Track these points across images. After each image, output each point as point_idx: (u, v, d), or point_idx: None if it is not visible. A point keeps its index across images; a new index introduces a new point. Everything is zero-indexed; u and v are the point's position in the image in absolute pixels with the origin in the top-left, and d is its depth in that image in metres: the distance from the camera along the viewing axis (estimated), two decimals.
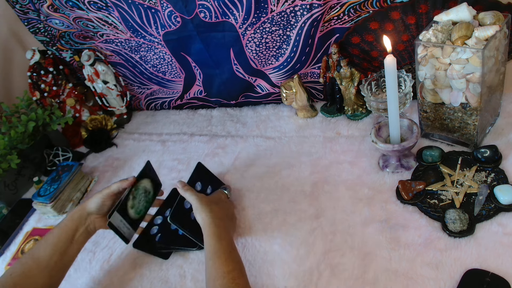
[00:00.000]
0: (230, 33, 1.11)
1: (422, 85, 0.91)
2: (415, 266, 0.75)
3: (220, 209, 0.87)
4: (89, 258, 0.99)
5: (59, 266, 0.84)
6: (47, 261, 0.82)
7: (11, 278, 0.78)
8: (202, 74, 1.30)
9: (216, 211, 0.84)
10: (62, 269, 0.85)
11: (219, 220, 0.82)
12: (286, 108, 1.28)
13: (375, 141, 0.92)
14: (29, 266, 0.80)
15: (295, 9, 1.00)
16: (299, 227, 0.90)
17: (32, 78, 1.41)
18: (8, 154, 1.22)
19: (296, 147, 1.13)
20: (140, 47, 1.27)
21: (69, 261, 0.87)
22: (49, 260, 0.82)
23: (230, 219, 0.91)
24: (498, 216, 0.78)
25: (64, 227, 0.87)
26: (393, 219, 0.85)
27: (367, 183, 0.94)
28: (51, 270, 0.82)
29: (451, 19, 0.84)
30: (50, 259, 0.82)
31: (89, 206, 0.89)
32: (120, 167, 1.29)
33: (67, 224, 0.87)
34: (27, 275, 0.79)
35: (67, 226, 0.87)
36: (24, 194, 1.30)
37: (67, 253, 0.85)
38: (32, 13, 1.28)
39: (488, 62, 0.80)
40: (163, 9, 1.11)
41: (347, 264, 0.79)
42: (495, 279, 0.68)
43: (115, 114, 1.53)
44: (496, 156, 0.87)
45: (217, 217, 0.82)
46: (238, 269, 0.74)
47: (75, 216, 0.88)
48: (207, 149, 1.23)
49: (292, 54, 1.12)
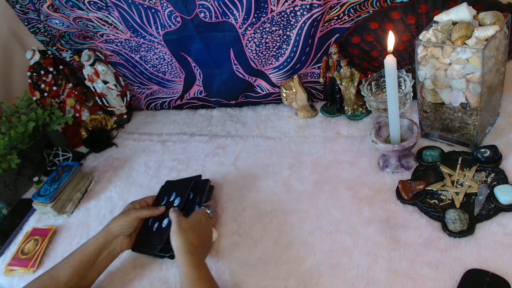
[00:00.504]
0: (230, 33, 1.11)
1: (422, 85, 0.91)
2: (415, 266, 0.75)
3: (196, 237, 0.83)
4: None
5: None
6: (65, 283, 0.82)
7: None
8: (202, 74, 1.30)
9: (191, 239, 0.82)
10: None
11: (194, 248, 0.80)
12: (286, 108, 1.28)
13: (375, 141, 0.92)
14: (47, 285, 0.81)
15: (295, 9, 1.00)
16: (299, 227, 0.90)
17: (32, 78, 1.40)
18: (8, 154, 1.22)
19: (296, 147, 1.13)
20: (140, 47, 1.28)
21: (87, 284, 0.87)
22: (67, 281, 0.82)
23: (204, 244, 0.87)
24: (498, 216, 0.78)
25: (86, 251, 0.86)
26: (393, 219, 0.85)
27: (367, 183, 0.94)
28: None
29: (451, 19, 0.84)
30: (69, 281, 0.82)
31: (115, 229, 0.89)
32: (120, 167, 1.29)
33: (89, 248, 0.87)
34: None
35: (89, 251, 0.86)
36: (24, 194, 1.30)
37: (86, 277, 0.85)
38: (32, 13, 1.28)
39: (488, 62, 0.80)
40: (163, 9, 1.11)
41: (347, 264, 0.79)
42: (495, 279, 0.68)
43: (115, 114, 1.53)
44: (496, 156, 0.87)
45: (192, 245, 0.80)
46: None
47: (99, 240, 0.88)
48: (207, 149, 1.23)
49: (292, 54, 1.12)
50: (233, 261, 0.88)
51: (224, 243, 0.92)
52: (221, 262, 0.88)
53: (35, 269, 1.01)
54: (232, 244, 0.91)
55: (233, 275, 0.85)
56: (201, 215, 0.89)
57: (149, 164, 1.25)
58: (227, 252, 0.90)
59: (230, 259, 0.88)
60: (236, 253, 0.89)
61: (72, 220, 1.14)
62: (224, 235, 0.94)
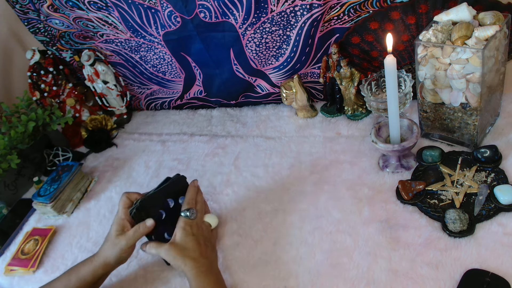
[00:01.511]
0: (230, 33, 1.11)
1: (422, 85, 0.91)
2: (415, 266, 0.75)
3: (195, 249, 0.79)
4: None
5: None
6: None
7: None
8: (202, 74, 1.30)
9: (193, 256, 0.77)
10: None
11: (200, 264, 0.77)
12: (286, 108, 1.28)
13: (375, 141, 0.92)
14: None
15: (295, 9, 1.00)
16: (299, 227, 0.90)
17: (32, 78, 1.40)
18: (8, 154, 1.22)
19: (296, 147, 1.13)
20: (140, 47, 1.28)
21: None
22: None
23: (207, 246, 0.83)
24: (498, 216, 0.78)
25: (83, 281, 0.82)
26: (393, 219, 0.85)
27: (367, 183, 0.95)
28: None
29: (451, 19, 0.84)
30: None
31: (112, 261, 0.83)
32: (120, 167, 1.29)
33: (87, 278, 0.82)
34: None
35: (87, 281, 0.82)
36: (24, 194, 1.30)
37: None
38: (32, 13, 1.28)
39: (488, 62, 0.80)
40: (163, 9, 1.11)
41: (347, 264, 0.79)
42: (495, 279, 0.68)
43: (115, 114, 1.53)
44: (496, 156, 0.87)
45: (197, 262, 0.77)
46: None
47: (99, 273, 0.83)
48: (207, 149, 1.23)
49: (292, 54, 1.12)
50: (233, 261, 0.88)
51: (224, 243, 0.92)
52: (221, 262, 0.88)
53: (35, 269, 1.01)
54: (232, 244, 0.91)
55: (233, 275, 0.85)
56: (184, 225, 0.82)
57: (149, 164, 1.26)
58: (227, 252, 0.90)
59: (230, 259, 0.88)
60: (236, 253, 0.89)
61: (72, 220, 1.14)
62: (224, 235, 0.94)
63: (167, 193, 0.89)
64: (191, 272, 0.76)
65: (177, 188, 0.90)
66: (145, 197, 0.87)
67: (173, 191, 0.89)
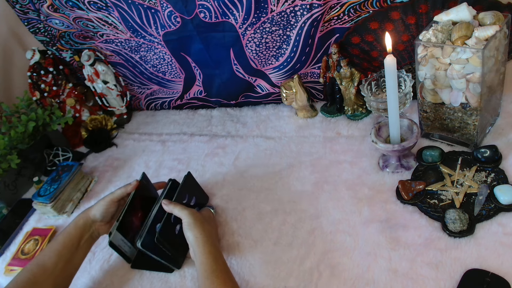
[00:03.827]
0: (230, 33, 1.11)
1: (422, 85, 0.91)
2: (415, 266, 0.75)
3: (212, 228, 0.86)
4: (89, 258, 0.99)
5: (64, 273, 0.84)
6: (52, 268, 0.82)
7: (17, 284, 0.79)
8: (202, 74, 1.30)
9: (209, 230, 0.82)
10: (68, 276, 0.86)
11: (213, 239, 0.81)
12: (286, 108, 1.28)
13: (375, 141, 0.92)
14: (35, 273, 0.81)
15: (295, 9, 1.00)
16: (299, 227, 0.90)
17: (32, 78, 1.41)
18: (8, 154, 1.22)
19: (296, 147, 1.13)
20: (140, 47, 1.28)
21: (74, 268, 0.87)
22: (54, 267, 0.82)
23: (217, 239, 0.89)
24: (498, 216, 0.78)
25: (68, 235, 0.87)
26: (393, 219, 0.85)
27: (367, 183, 0.94)
28: (57, 277, 0.82)
29: (451, 19, 0.84)
30: (56, 266, 0.82)
31: (93, 214, 0.90)
32: (120, 167, 1.29)
33: (71, 231, 0.88)
34: (33, 282, 0.79)
35: (72, 234, 0.87)
36: (24, 194, 1.30)
37: (72, 260, 0.86)
38: (32, 13, 1.28)
39: (488, 62, 0.80)
40: (163, 9, 1.11)
41: (347, 264, 0.79)
42: (495, 279, 0.68)
43: (115, 114, 1.53)
44: (496, 156, 0.87)
45: (211, 236, 0.81)
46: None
47: (80, 223, 0.89)
48: (207, 149, 1.23)
49: (292, 54, 1.12)
50: (233, 261, 0.88)
51: (224, 243, 0.92)
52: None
53: None
54: (232, 244, 0.91)
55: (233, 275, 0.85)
56: (209, 212, 0.93)
57: (149, 164, 1.26)
58: (227, 252, 0.90)
59: (230, 259, 0.88)
60: (236, 253, 0.89)
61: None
62: (224, 235, 0.94)
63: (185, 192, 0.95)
64: (204, 239, 0.79)
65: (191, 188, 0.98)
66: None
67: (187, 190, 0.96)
